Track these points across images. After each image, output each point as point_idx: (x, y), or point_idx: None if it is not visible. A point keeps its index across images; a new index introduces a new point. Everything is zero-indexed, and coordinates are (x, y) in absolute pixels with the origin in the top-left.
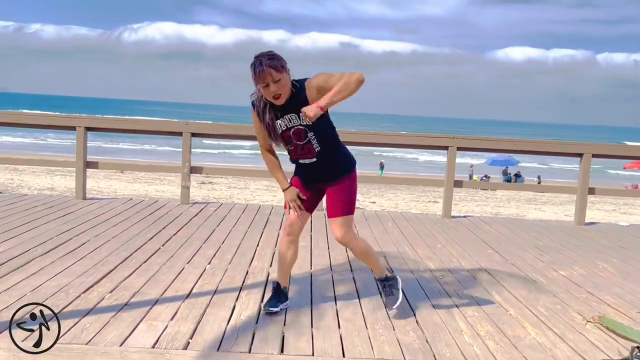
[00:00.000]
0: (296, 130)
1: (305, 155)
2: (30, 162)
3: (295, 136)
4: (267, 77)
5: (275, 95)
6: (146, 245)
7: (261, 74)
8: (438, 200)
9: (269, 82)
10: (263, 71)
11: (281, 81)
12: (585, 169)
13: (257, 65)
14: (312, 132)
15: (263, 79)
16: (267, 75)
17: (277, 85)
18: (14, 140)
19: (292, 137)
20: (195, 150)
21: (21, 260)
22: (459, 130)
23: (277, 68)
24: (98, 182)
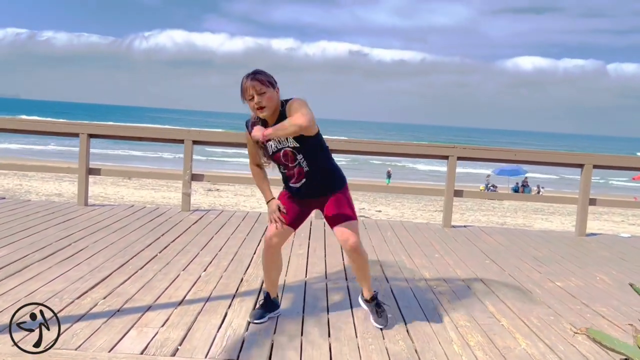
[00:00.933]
0: (285, 152)
1: (296, 179)
2: (33, 169)
3: (285, 158)
4: (250, 90)
5: (259, 106)
6: (143, 252)
7: (248, 85)
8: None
9: (252, 94)
10: (251, 81)
11: (266, 94)
12: (586, 179)
13: (243, 79)
14: (301, 154)
15: (246, 90)
16: (251, 87)
17: (261, 97)
18: (24, 147)
19: (282, 158)
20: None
21: (19, 265)
22: (467, 139)
23: (262, 81)
24: (105, 188)
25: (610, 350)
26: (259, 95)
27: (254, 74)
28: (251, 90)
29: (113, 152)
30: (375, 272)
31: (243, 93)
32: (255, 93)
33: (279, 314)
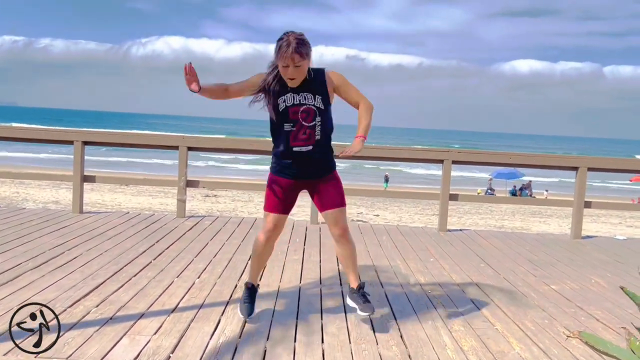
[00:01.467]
0: (307, 109)
1: (303, 141)
2: (28, 176)
3: (304, 114)
4: (290, 60)
5: (291, 77)
6: (137, 259)
7: (286, 55)
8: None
9: (289, 64)
10: (289, 53)
11: (301, 67)
12: (580, 182)
13: (285, 45)
14: (320, 117)
15: (286, 60)
16: (290, 59)
17: (296, 70)
18: (21, 155)
19: (301, 114)
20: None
21: (11, 274)
22: (465, 143)
23: (302, 54)
24: (103, 195)
25: (603, 354)
26: (295, 68)
27: (297, 44)
28: (289, 61)
29: (113, 159)
30: (370, 277)
31: (280, 57)
32: (292, 64)
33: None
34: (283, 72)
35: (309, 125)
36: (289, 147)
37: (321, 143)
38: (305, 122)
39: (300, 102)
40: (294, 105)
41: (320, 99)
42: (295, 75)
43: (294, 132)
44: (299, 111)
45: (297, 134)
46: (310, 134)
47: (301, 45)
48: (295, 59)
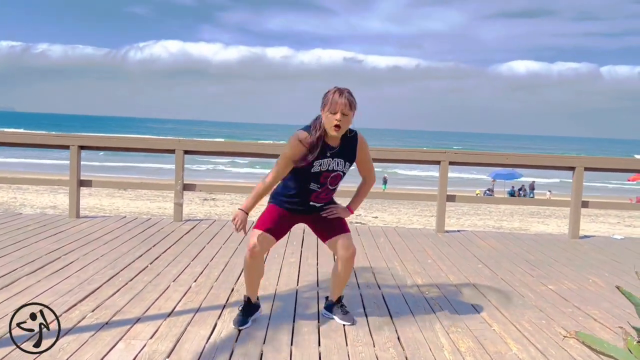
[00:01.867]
0: (337, 175)
1: (321, 200)
2: (24, 181)
3: (333, 179)
4: (339, 106)
5: (337, 124)
6: (134, 264)
7: (340, 101)
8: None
9: (339, 110)
10: (344, 99)
11: (347, 117)
12: (577, 182)
13: (339, 93)
14: (340, 181)
15: (339, 105)
16: (342, 105)
17: (343, 118)
18: (20, 161)
19: (330, 179)
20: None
21: (7, 279)
22: (463, 144)
23: (352, 104)
24: (101, 200)
25: (600, 353)
26: (343, 116)
27: (348, 93)
28: (340, 107)
29: (112, 164)
30: (367, 279)
31: (330, 104)
32: (342, 112)
33: (260, 312)
34: (329, 119)
35: (332, 189)
36: (306, 201)
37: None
38: (331, 186)
39: (334, 169)
40: (328, 171)
41: (348, 165)
42: (341, 123)
43: (317, 192)
44: (329, 176)
45: (319, 194)
46: (330, 195)
47: (352, 96)
48: (347, 107)
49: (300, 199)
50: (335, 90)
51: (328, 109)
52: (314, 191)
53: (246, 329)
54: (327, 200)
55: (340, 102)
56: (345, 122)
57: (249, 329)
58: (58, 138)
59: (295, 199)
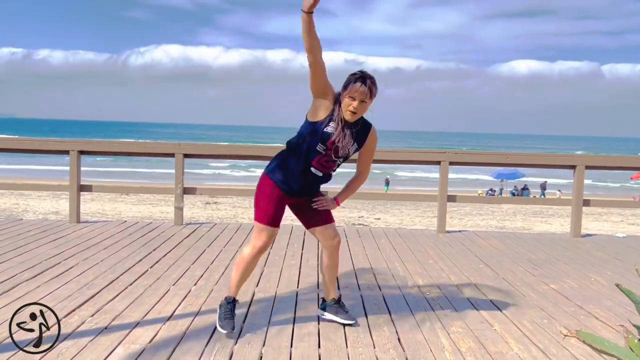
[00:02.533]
0: (343, 150)
1: (322, 168)
2: (25, 187)
3: (336, 152)
4: (361, 94)
5: (353, 111)
6: (134, 268)
7: (360, 89)
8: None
9: (358, 98)
10: (364, 87)
11: (365, 104)
12: (578, 180)
13: (361, 79)
14: (342, 159)
15: (359, 92)
16: (362, 92)
17: (361, 105)
18: (22, 167)
19: (334, 150)
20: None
21: (7, 285)
22: (465, 144)
23: (373, 93)
24: (103, 205)
25: (601, 352)
26: (360, 103)
27: (371, 81)
28: (360, 95)
29: (114, 169)
30: (368, 280)
31: (349, 89)
32: (360, 99)
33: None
34: (347, 103)
35: (333, 160)
36: (307, 164)
37: (330, 175)
38: (335, 157)
39: (342, 142)
40: (336, 140)
41: (355, 148)
42: (357, 110)
43: (320, 156)
44: (336, 146)
45: (321, 159)
46: (330, 167)
47: (374, 84)
48: (366, 95)
49: (301, 164)
50: (359, 77)
51: (348, 93)
52: (318, 153)
53: (245, 332)
54: (326, 172)
55: (360, 90)
56: (362, 109)
57: (249, 332)
58: (58, 143)
59: (296, 162)
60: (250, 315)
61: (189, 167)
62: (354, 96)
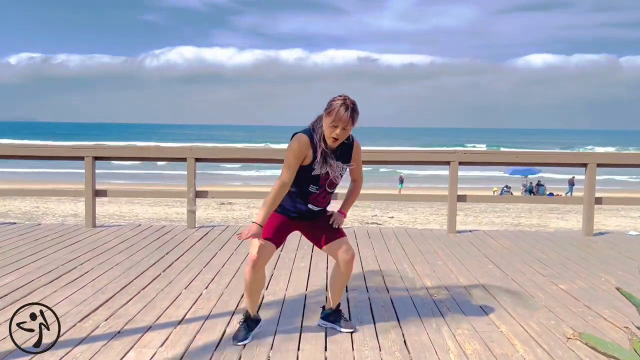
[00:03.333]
0: (334, 178)
1: (319, 204)
2: (41, 193)
3: (331, 182)
4: (342, 122)
5: (336, 138)
6: (147, 272)
7: (343, 117)
8: (458, 212)
9: (340, 126)
10: (345, 116)
11: (347, 131)
12: (590, 178)
13: (345, 108)
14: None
15: (339, 119)
16: (344, 121)
17: (343, 132)
18: (40, 171)
19: (328, 182)
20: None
21: (25, 290)
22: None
23: (355, 121)
24: (120, 207)
25: (604, 354)
26: (343, 130)
27: (353, 109)
28: (342, 124)
29: (130, 171)
30: (377, 282)
31: (334, 117)
32: (342, 127)
33: (261, 327)
34: (330, 130)
35: (330, 192)
36: (305, 204)
37: (328, 203)
38: (329, 188)
39: (332, 173)
40: (326, 174)
41: (345, 168)
42: (340, 137)
43: (315, 195)
44: (328, 179)
45: (318, 196)
46: (328, 198)
47: (355, 112)
48: (349, 123)
49: (300, 204)
50: (342, 104)
51: (331, 121)
52: (312, 193)
53: (254, 335)
54: (324, 205)
55: (343, 119)
56: (343, 135)
57: (257, 335)
58: (73, 150)
59: (295, 203)
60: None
61: (202, 168)
62: (337, 124)
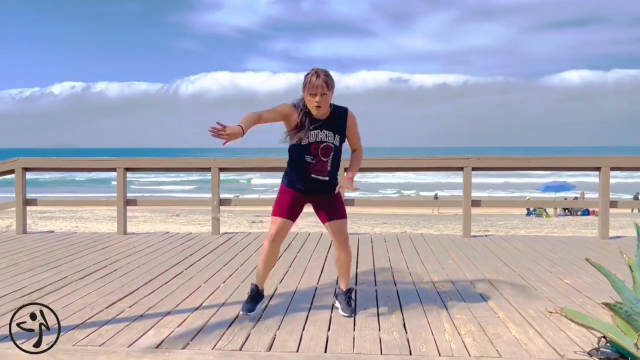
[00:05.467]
0: (326, 146)
1: (319, 172)
2: (78, 203)
3: (323, 150)
4: (319, 88)
5: (317, 105)
6: (170, 270)
7: (316, 83)
8: (489, 228)
9: (318, 92)
10: (320, 81)
11: (326, 96)
12: (604, 182)
13: (314, 75)
14: (334, 152)
15: (316, 88)
16: (319, 86)
17: (322, 98)
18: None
19: (321, 150)
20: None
21: (59, 284)
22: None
23: (329, 84)
24: (155, 225)
25: (583, 326)
26: (321, 96)
27: (325, 74)
28: (319, 90)
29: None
30: (385, 277)
31: (308, 87)
32: (319, 93)
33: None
34: (310, 100)
35: (325, 160)
36: (308, 174)
37: (331, 171)
38: (323, 157)
39: (322, 140)
40: (316, 142)
41: (338, 137)
42: (321, 103)
43: (312, 164)
44: (319, 147)
45: (315, 165)
46: (325, 167)
47: (328, 76)
48: (324, 88)
49: (303, 174)
50: (313, 73)
51: (307, 91)
52: (309, 163)
53: (263, 318)
54: (324, 173)
55: (317, 84)
56: (325, 101)
57: (266, 318)
58: (106, 162)
59: (298, 173)
60: (270, 306)
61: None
62: (314, 92)
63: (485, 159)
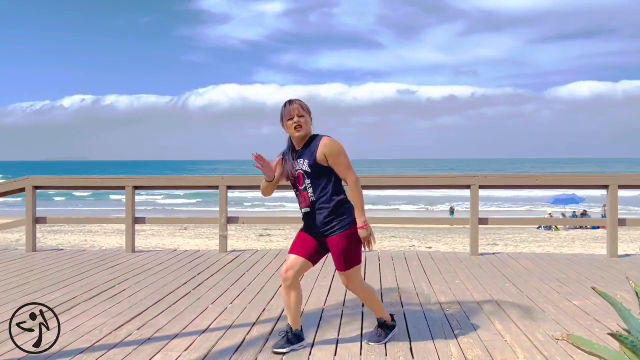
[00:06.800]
0: (299, 174)
1: (302, 204)
2: (87, 221)
3: (298, 180)
4: (295, 111)
5: (297, 125)
6: (179, 290)
7: (292, 107)
8: (498, 242)
9: (295, 114)
10: (295, 106)
11: (304, 118)
12: (613, 200)
13: (288, 103)
14: (309, 179)
15: (291, 111)
16: (295, 109)
17: (300, 119)
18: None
19: (297, 180)
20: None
21: (68, 305)
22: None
23: (303, 107)
24: (163, 239)
25: (590, 354)
26: (299, 117)
27: (299, 101)
28: (294, 112)
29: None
30: (393, 298)
31: (285, 114)
32: (297, 115)
33: (303, 347)
34: (289, 126)
35: (301, 189)
36: (301, 208)
37: (318, 204)
38: (300, 186)
39: (296, 169)
40: (296, 172)
41: (307, 163)
42: (301, 123)
43: (298, 196)
44: (296, 178)
45: (298, 197)
46: (304, 197)
47: (302, 102)
48: (299, 110)
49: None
50: (286, 102)
51: (286, 118)
52: (296, 195)
53: (270, 342)
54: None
55: (292, 108)
56: (304, 122)
57: (273, 342)
58: (116, 180)
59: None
60: (277, 329)
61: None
62: (291, 115)
63: (492, 177)
